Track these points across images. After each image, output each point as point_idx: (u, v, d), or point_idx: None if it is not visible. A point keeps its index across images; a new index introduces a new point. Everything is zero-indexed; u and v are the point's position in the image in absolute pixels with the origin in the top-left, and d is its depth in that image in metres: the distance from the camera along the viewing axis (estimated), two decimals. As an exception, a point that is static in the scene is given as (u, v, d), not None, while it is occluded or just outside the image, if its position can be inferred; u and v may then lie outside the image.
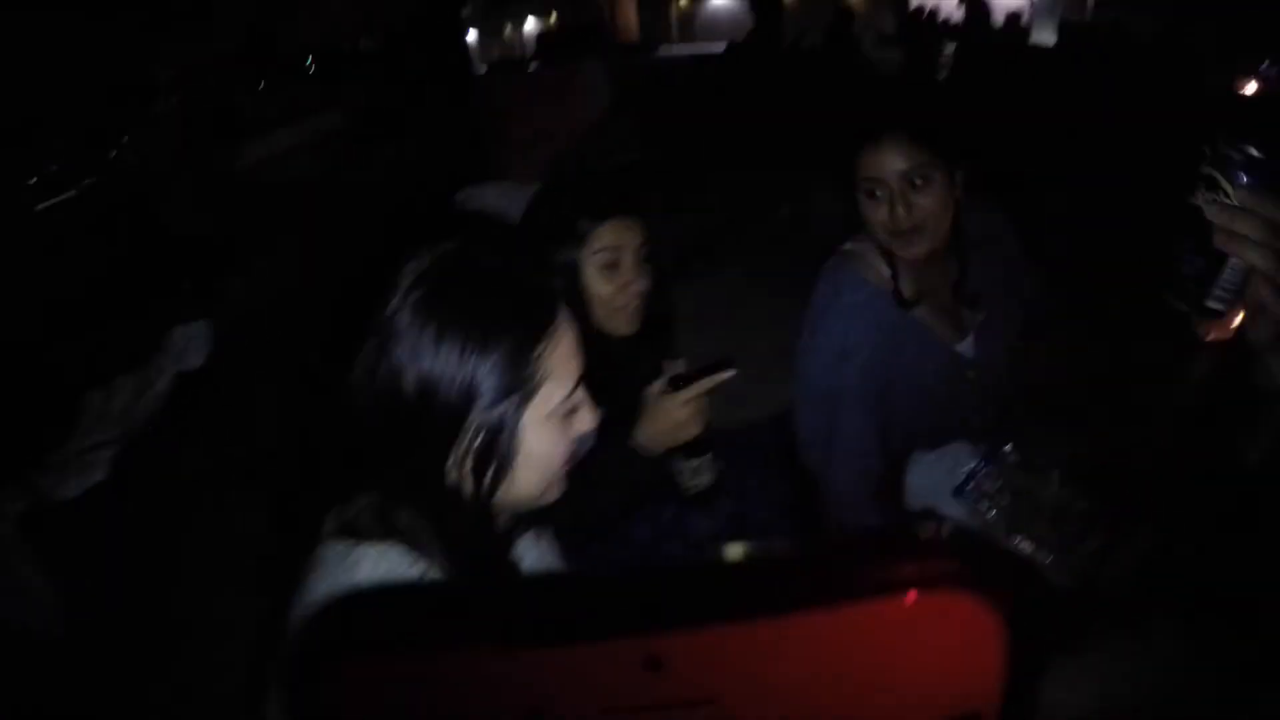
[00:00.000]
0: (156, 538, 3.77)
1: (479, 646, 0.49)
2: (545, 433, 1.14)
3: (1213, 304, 0.97)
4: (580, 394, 1.21)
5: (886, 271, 2.03)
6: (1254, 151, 0.93)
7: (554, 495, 1.24)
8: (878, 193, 1.87)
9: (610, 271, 1.85)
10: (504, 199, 4.36)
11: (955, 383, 2.12)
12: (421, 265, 1.13)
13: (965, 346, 2.11)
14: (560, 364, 1.15)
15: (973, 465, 1.99)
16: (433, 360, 1.07)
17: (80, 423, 3.82)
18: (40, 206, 10.15)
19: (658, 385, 1.82)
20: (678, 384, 1.81)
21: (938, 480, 2.00)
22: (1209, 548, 1.71)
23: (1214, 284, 0.96)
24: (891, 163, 1.84)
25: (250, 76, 21.95)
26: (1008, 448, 2.02)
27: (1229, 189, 0.93)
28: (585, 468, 1.92)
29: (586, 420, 1.22)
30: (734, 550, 1.68)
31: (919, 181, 1.84)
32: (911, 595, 0.48)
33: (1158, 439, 2.07)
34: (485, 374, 1.08)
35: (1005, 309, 2.16)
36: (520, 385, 1.11)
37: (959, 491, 1.97)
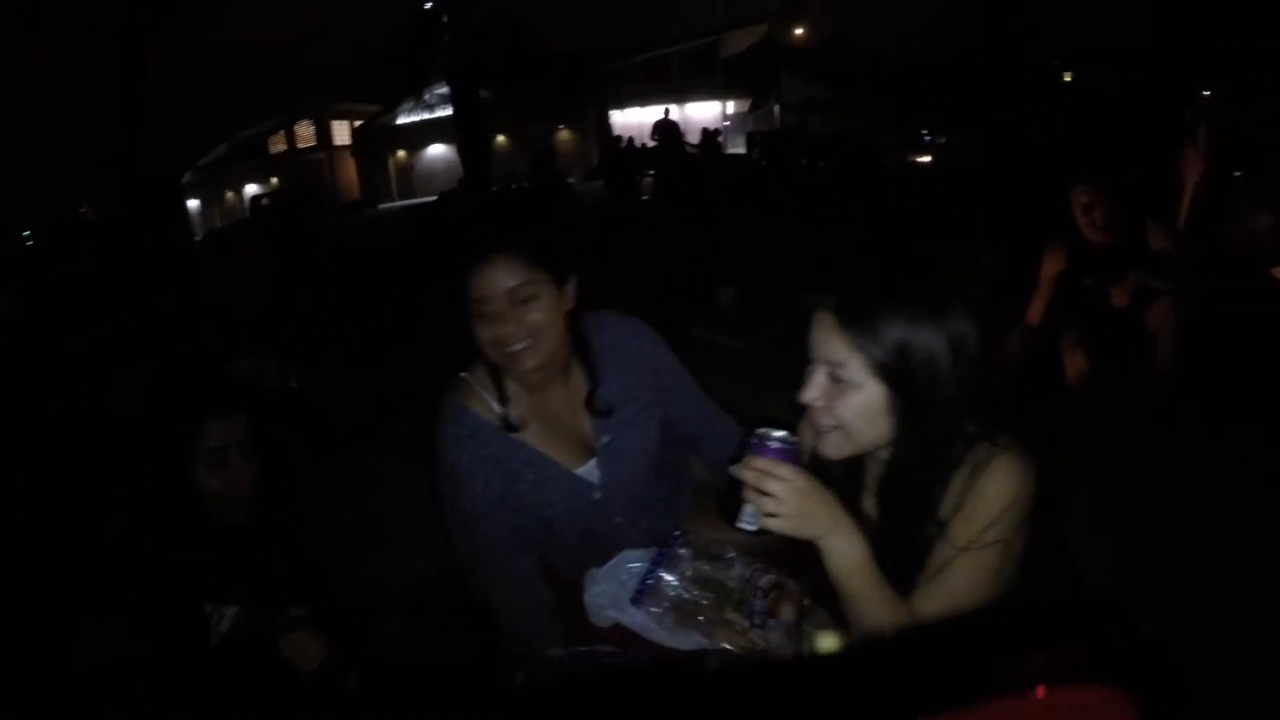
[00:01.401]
0: None
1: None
2: None
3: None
4: None
5: (493, 401, 1.98)
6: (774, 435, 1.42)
7: None
8: (486, 311, 1.83)
9: (219, 469, 1.86)
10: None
11: (583, 507, 2.05)
12: None
13: (588, 469, 2.05)
14: None
15: (644, 569, 1.90)
16: None
17: None
18: None
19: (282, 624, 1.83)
20: (293, 625, 1.84)
21: (614, 592, 1.90)
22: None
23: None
24: (499, 281, 1.81)
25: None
26: (677, 542, 1.94)
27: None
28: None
29: None
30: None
31: (526, 297, 1.83)
32: (1040, 691, 0.47)
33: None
34: None
35: (641, 425, 2.11)
36: None
37: (638, 599, 1.87)
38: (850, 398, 1.44)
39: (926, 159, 16.19)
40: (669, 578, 1.89)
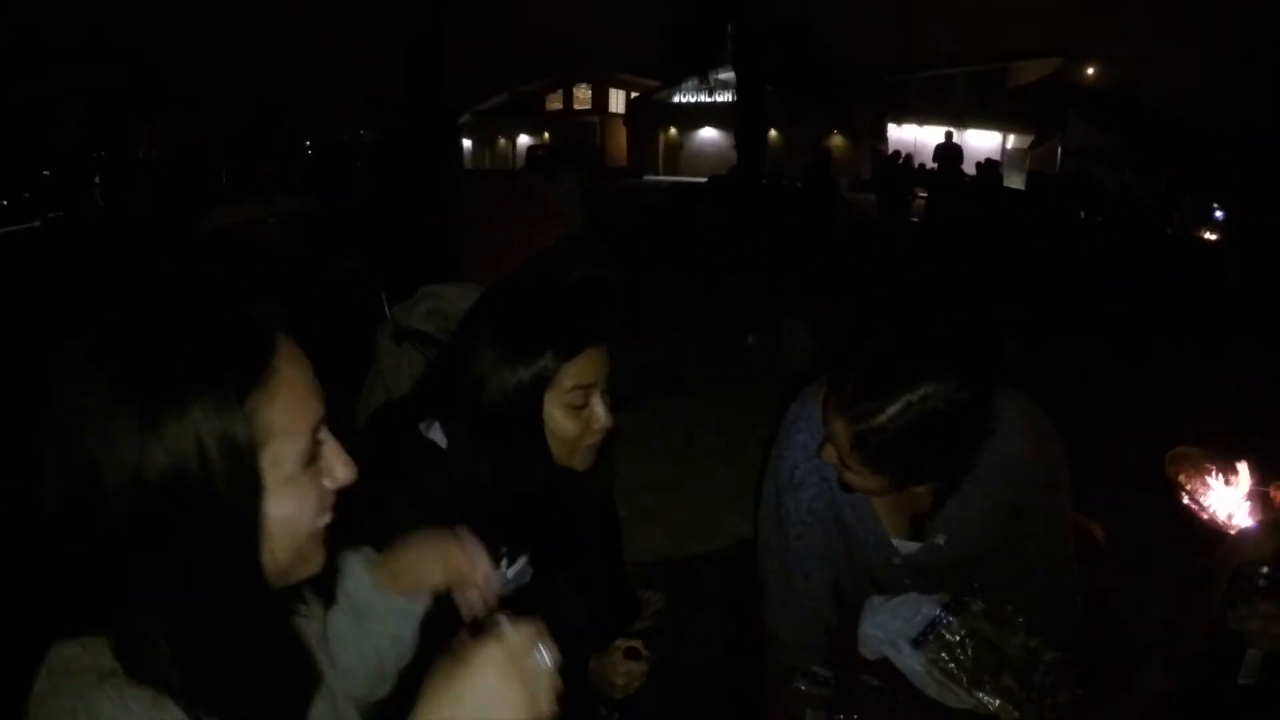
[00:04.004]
0: None
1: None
2: (283, 499, 0.93)
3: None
4: (324, 440, 0.99)
5: None
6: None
7: (313, 565, 1.02)
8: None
9: (579, 411, 1.61)
10: (465, 301, 4.26)
11: (883, 564, 1.94)
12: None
13: (904, 544, 1.93)
14: (285, 414, 0.92)
15: (934, 614, 1.83)
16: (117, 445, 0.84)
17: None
18: (3, 230, 10.16)
19: (621, 649, 1.83)
20: (631, 654, 1.83)
21: (894, 629, 1.84)
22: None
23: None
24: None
25: (244, 148, 22.44)
26: (970, 594, 1.87)
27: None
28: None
29: (340, 469, 1.00)
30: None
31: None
32: None
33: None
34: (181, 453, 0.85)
35: (980, 538, 1.90)
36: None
37: (919, 642, 1.80)
38: None
39: (1213, 236, 15.10)
40: (955, 628, 1.82)
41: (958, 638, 1.80)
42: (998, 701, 1.73)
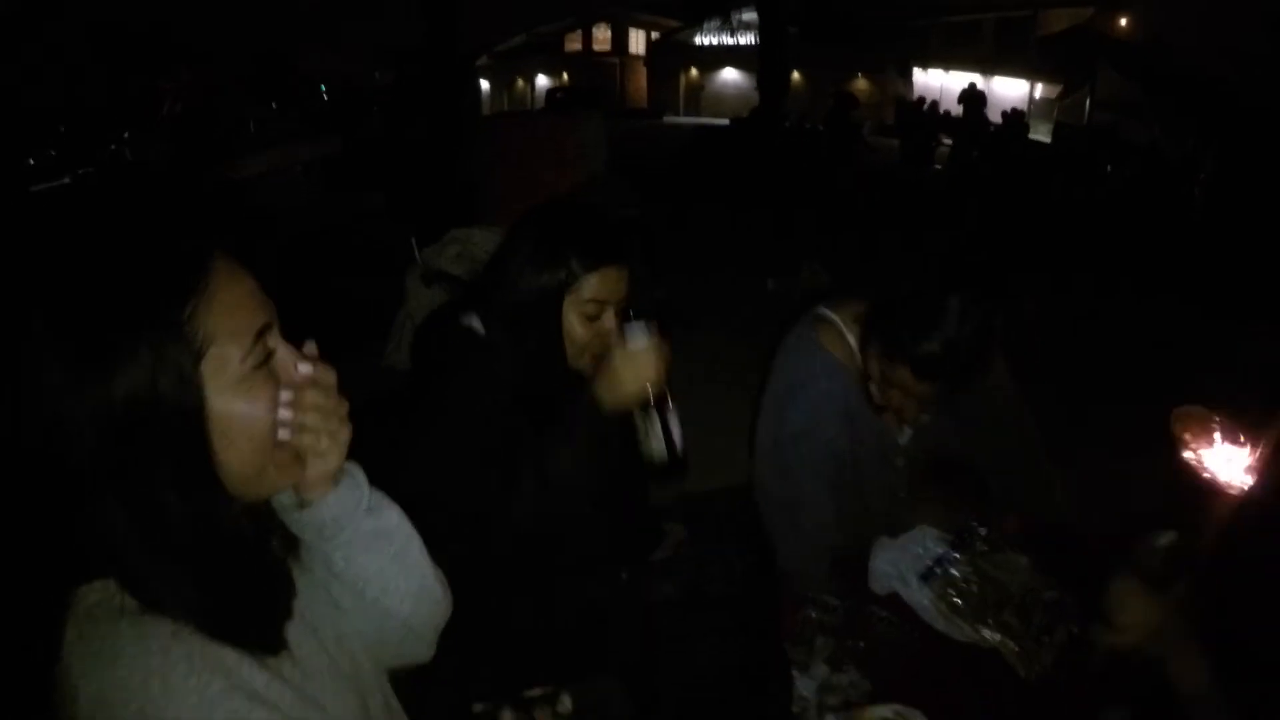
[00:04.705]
0: None
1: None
2: (237, 402, 0.96)
3: None
4: (275, 346, 1.01)
5: (856, 348, 2.00)
6: None
7: (289, 474, 1.05)
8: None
9: (591, 322, 1.78)
10: (493, 244, 4.28)
11: (889, 469, 2.12)
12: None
13: (904, 438, 2.13)
14: (224, 320, 0.94)
15: (941, 551, 1.92)
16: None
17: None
18: (35, 188, 10.18)
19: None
20: (628, 316, 1.73)
21: (903, 565, 1.93)
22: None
23: None
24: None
25: (261, 96, 22.30)
26: (975, 531, 1.96)
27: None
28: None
29: (291, 367, 1.03)
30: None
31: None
32: None
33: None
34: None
35: (951, 408, 2.09)
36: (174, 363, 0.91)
37: (926, 577, 1.90)
38: None
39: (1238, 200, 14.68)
40: (961, 565, 1.91)
41: (964, 574, 1.90)
42: (999, 636, 1.82)
